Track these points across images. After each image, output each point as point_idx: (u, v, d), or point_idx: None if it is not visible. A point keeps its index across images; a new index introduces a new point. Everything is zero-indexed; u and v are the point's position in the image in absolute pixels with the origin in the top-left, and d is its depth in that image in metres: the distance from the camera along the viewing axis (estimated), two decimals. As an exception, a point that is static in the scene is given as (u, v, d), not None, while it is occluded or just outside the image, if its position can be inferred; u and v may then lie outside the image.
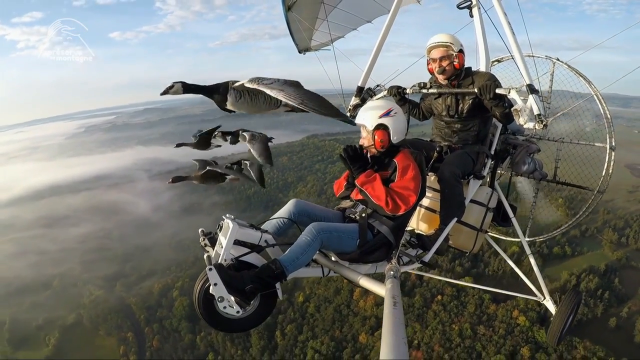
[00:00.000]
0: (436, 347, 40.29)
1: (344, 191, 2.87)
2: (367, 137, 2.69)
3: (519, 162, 3.93)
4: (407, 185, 2.53)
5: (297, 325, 47.48)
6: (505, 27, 3.38)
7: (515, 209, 4.01)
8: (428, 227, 3.38)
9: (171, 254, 68.60)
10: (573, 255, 53.24)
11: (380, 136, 2.67)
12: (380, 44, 3.97)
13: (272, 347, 45.92)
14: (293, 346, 45.11)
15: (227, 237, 2.17)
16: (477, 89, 3.03)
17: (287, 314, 48.78)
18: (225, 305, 2.01)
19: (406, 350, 1.31)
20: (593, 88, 4.16)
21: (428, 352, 40.14)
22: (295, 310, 49.39)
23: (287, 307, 49.52)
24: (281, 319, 48.33)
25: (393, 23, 3.97)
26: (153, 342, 52.14)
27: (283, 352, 44.55)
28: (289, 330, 46.83)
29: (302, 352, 44.14)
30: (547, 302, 4.22)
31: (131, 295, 61.20)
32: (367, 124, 2.67)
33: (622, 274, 48.86)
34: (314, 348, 43.48)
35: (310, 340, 44.63)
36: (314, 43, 5.22)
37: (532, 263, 4.21)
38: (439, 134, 3.55)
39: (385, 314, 1.60)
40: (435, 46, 3.25)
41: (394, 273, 2.26)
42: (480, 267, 51.21)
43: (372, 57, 3.98)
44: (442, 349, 40.05)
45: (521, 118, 3.45)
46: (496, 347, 39.44)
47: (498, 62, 4.85)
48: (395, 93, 3.53)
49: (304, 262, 2.20)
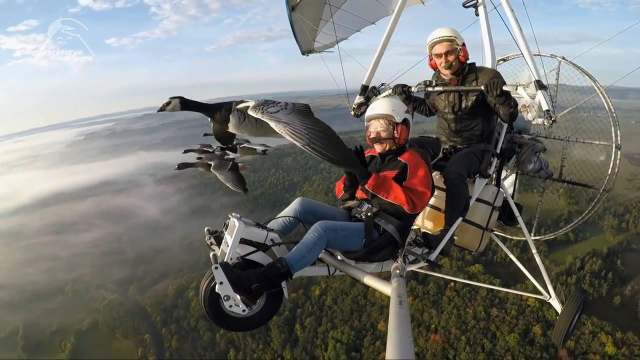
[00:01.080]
0: (453, 330, 41.95)
1: (344, 194, 2.80)
2: (386, 129, 2.67)
3: (525, 161, 3.92)
4: (421, 183, 2.54)
5: (315, 317, 48.63)
6: (513, 24, 3.40)
7: (521, 207, 3.97)
8: (434, 225, 3.38)
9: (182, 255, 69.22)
10: (576, 241, 55.55)
11: (404, 132, 2.71)
12: (385, 42, 3.97)
13: (293, 340, 47.00)
14: (314, 337, 46.26)
15: (233, 236, 2.16)
16: (484, 85, 2.98)
17: (305, 308, 49.89)
18: (231, 304, 2.01)
19: (412, 348, 1.31)
20: (599, 87, 4.16)
21: (446, 335, 41.77)
22: (312, 304, 50.55)
23: (305, 301, 50.69)
24: (299, 312, 49.44)
25: (397, 22, 3.98)
26: (172, 342, 52.48)
27: (304, 344, 45.67)
28: (309, 323, 47.97)
29: (324, 342, 45.33)
30: (553, 300, 4.21)
31: (145, 297, 61.59)
32: (396, 116, 2.66)
33: (624, 257, 51.27)
34: (334, 338, 44.70)
35: (330, 331, 45.86)
36: (318, 45, 5.19)
37: (538, 262, 4.18)
38: (443, 133, 3.54)
39: (391, 312, 1.59)
40: (439, 41, 3.20)
41: (400, 272, 2.24)
42: (489, 254, 53.18)
43: (376, 55, 3.97)
44: (459, 331, 41.71)
45: (529, 114, 3.52)
46: (509, 327, 41.19)
47: (504, 61, 4.88)
48: (400, 91, 3.49)
49: (309, 260, 2.19)
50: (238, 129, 2.49)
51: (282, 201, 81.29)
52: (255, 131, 2.51)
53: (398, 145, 2.71)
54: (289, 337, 47.38)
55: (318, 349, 44.99)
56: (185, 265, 66.84)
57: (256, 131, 2.51)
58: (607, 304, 44.64)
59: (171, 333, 53.66)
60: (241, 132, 2.56)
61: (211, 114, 2.49)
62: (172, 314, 57.08)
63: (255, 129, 2.48)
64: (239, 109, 2.40)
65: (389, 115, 2.65)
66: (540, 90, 3.09)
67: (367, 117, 2.75)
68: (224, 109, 2.44)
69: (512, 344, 39.11)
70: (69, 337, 55.47)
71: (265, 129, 2.33)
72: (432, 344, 41.21)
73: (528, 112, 3.74)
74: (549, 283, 4.20)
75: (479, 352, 39.44)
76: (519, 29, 3.38)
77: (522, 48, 3.34)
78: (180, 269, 66.46)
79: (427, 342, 41.65)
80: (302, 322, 48.40)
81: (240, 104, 2.39)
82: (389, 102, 2.74)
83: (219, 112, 2.45)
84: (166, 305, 58.96)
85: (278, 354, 46.15)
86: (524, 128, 4.11)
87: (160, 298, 60.73)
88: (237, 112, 2.42)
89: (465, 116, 3.33)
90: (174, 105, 2.36)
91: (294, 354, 45.26)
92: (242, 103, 2.36)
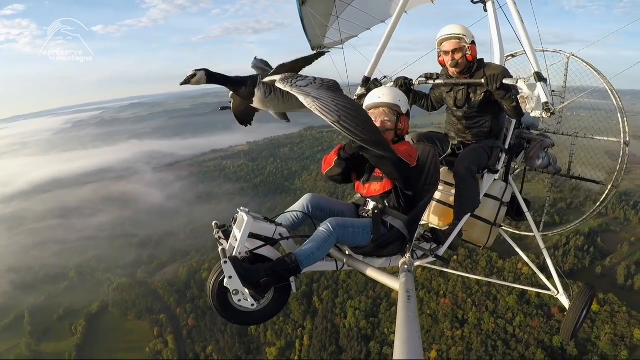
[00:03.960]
0: (460, 294, 46.73)
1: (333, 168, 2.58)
2: (391, 119, 2.59)
3: (533, 157, 3.92)
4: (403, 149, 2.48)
5: (332, 290, 51.85)
6: (515, 19, 3.47)
7: (530, 203, 3.99)
8: (442, 221, 3.39)
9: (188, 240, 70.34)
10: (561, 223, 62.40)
11: (407, 124, 2.68)
12: (389, 34, 3.98)
13: (313, 312, 50.05)
14: (332, 308, 49.58)
15: (242, 230, 2.15)
16: (484, 79, 3.00)
17: (321, 282, 53.03)
18: (240, 298, 2.00)
19: (420, 343, 1.30)
20: (607, 82, 4.15)
21: (454, 299, 46.48)
22: (327, 279, 53.75)
23: (320, 277, 53.69)
24: (316, 287, 52.46)
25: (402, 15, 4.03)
26: (188, 321, 53.50)
27: (325, 313, 48.88)
28: (326, 296, 51.13)
29: (342, 311, 48.78)
30: (561, 296, 4.19)
31: (155, 280, 62.33)
32: (402, 107, 2.61)
33: (603, 236, 57.89)
34: (352, 307, 48.29)
35: (348, 301, 49.38)
36: (327, 41, 5.16)
37: (546, 257, 4.21)
38: (452, 129, 3.55)
39: (400, 307, 1.59)
40: (447, 38, 3.17)
41: (408, 267, 2.26)
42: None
43: (379, 48, 3.97)
44: (465, 294, 46.57)
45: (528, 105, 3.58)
46: (508, 290, 46.42)
47: (512, 57, 4.90)
48: (402, 84, 3.46)
49: (319, 257, 2.19)
50: (263, 103, 2.43)
51: (282, 189, 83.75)
52: (281, 106, 2.48)
53: (398, 137, 2.65)
54: (308, 309, 50.38)
55: (338, 317, 48.40)
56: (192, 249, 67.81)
57: (282, 106, 2.47)
58: (590, 273, 51.00)
59: (187, 312, 54.49)
60: (266, 107, 2.50)
61: (236, 88, 2.43)
62: (185, 295, 58.02)
63: (282, 104, 2.43)
64: (266, 83, 2.35)
65: (395, 105, 2.60)
66: (539, 82, 3.12)
67: (370, 105, 2.64)
68: (249, 82, 2.39)
69: (511, 304, 44.34)
70: (79, 320, 55.34)
71: (291, 104, 2.35)
72: (442, 307, 45.82)
73: (527, 104, 3.83)
74: (557, 278, 4.19)
75: (484, 311, 44.41)
76: (521, 20, 3.45)
77: (523, 39, 3.41)
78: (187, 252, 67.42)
79: (438, 305, 46.20)
80: (320, 295, 51.53)
81: (266, 77, 2.33)
82: (395, 91, 2.68)
83: (244, 86, 2.39)
84: (179, 286, 59.87)
85: (299, 325, 49.07)
86: (533, 124, 4.13)
87: (171, 280, 61.57)
88: (264, 85, 2.37)
89: (473, 113, 3.33)
90: (200, 78, 2.28)
91: (315, 323, 48.34)
92: (269, 77, 2.30)
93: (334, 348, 45.17)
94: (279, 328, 49.28)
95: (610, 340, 38.94)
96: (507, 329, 42.14)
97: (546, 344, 39.68)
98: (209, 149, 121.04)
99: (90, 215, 76.63)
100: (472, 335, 42.14)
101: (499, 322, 42.85)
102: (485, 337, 41.73)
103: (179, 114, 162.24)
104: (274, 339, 48.56)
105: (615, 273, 50.43)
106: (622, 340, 39.18)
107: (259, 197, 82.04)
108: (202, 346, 50.21)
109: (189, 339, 51.66)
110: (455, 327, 43.76)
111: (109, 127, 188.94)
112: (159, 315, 55.69)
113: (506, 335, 41.69)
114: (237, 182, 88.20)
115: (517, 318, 42.65)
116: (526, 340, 40.34)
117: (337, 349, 45.21)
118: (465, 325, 43.79)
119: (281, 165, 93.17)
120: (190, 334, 52.64)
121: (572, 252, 53.61)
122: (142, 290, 60.46)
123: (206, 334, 51.28)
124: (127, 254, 67.88)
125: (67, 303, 58.37)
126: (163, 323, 54.46)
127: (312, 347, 46.07)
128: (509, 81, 2.92)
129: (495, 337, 41.58)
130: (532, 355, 38.99)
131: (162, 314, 55.81)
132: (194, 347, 50.34)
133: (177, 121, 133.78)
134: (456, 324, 44.06)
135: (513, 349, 39.96)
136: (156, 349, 50.34)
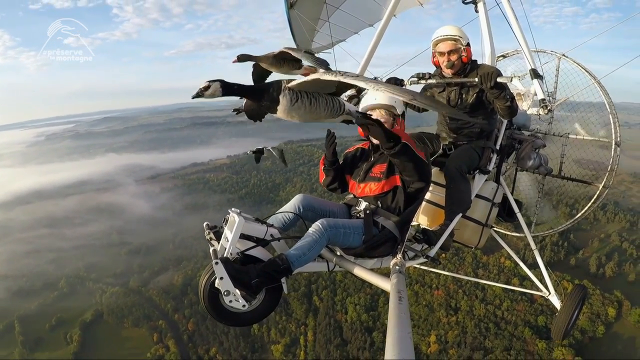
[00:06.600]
0: (451, 286, 50.69)
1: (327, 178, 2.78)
2: (387, 121, 2.60)
3: (525, 157, 3.93)
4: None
5: (330, 290, 54.23)
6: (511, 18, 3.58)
7: (521, 204, 4.06)
8: (433, 221, 3.38)
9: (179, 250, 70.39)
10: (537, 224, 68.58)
11: (403, 125, 2.69)
12: (379, 35, 4.04)
13: (314, 310, 52.06)
14: (333, 305, 51.85)
15: (233, 231, 2.13)
16: (478, 77, 3.00)
17: (319, 283, 55.19)
18: (231, 299, 2.00)
19: (411, 344, 1.31)
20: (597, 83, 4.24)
21: (446, 290, 50.42)
22: (325, 279, 55.99)
23: (317, 278, 55.88)
24: (314, 287, 54.62)
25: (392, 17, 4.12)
26: (188, 325, 53.70)
27: (327, 310, 50.99)
28: (325, 295, 53.42)
29: (343, 308, 51.23)
30: (552, 297, 4.19)
31: (150, 289, 62.00)
32: (398, 107, 2.63)
33: (575, 234, 64.12)
34: (352, 302, 50.82)
35: (347, 298, 51.89)
36: (315, 45, 5.12)
37: (538, 258, 4.27)
38: (444, 130, 3.56)
39: (391, 308, 1.59)
40: (443, 39, 3.20)
41: (399, 268, 2.26)
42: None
43: (370, 49, 4.00)
44: (456, 286, 50.50)
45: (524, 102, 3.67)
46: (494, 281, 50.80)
47: (504, 58, 4.95)
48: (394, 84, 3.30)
49: (310, 258, 2.18)
50: (288, 112, 2.09)
51: (267, 200, 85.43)
52: (307, 115, 2.16)
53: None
54: (309, 307, 52.36)
55: (339, 313, 50.73)
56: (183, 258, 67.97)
57: (308, 115, 2.17)
58: (565, 264, 56.64)
59: (186, 318, 54.69)
60: (290, 117, 2.14)
61: (257, 97, 2.09)
62: (182, 301, 58.05)
63: (308, 113, 2.15)
64: (292, 87, 2.06)
65: (391, 106, 2.59)
66: (535, 79, 3.20)
67: (367, 107, 2.63)
68: (271, 89, 2.06)
69: (498, 292, 48.64)
70: (73, 329, 54.23)
71: (318, 113, 2.17)
72: (436, 298, 49.54)
73: (523, 101, 3.87)
74: (548, 279, 4.20)
75: (474, 299, 48.38)
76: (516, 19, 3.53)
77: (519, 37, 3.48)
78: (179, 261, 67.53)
79: (432, 297, 49.83)
80: (319, 294, 53.72)
81: (291, 82, 2.07)
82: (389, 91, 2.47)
83: (267, 93, 2.05)
84: (175, 293, 59.83)
85: (302, 322, 50.76)
86: (524, 124, 4.16)
87: (166, 288, 61.36)
88: (290, 92, 2.06)
89: (465, 113, 3.32)
90: (214, 90, 1.91)
91: (317, 320, 50.28)
92: (293, 81, 2.07)
93: (339, 341, 47.43)
94: (282, 327, 50.79)
95: (588, 318, 44.64)
96: (496, 313, 46.62)
97: (532, 324, 44.61)
98: (189, 163, 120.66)
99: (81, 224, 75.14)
100: (465, 320, 46.07)
101: (489, 307, 47.35)
102: (478, 320, 45.87)
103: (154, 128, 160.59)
104: (278, 337, 50.04)
105: (587, 264, 56.39)
106: (599, 317, 45.33)
107: (246, 207, 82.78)
108: (205, 349, 50.57)
109: (191, 342, 51.86)
110: (450, 314, 47.68)
111: (84, 141, 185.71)
112: (157, 322, 55.45)
113: (496, 318, 46.15)
114: (223, 193, 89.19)
115: (504, 303, 47.31)
116: (514, 322, 44.94)
117: (341, 341, 47.52)
118: (458, 312, 47.86)
119: (265, 178, 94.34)
120: (191, 338, 52.79)
121: (548, 246, 59.07)
122: (136, 299, 59.99)
123: (208, 337, 51.68)
124: (117, 263, 67.05)
125: (59, 312, 57.07)
126: (162, 329, 54.28)
127: (317, 341, 48.07)
128: (503, 79, 2.95)
129: (487, 320, 45.87)
130: (521, 333, 43.64)
131: (161, 320, 55.64)
132: (197, 350, 50.58)
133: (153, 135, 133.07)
134: (450, 312, 47.99)
135: (503, 329, 44.59)
136: (158, 354, 50.18)
